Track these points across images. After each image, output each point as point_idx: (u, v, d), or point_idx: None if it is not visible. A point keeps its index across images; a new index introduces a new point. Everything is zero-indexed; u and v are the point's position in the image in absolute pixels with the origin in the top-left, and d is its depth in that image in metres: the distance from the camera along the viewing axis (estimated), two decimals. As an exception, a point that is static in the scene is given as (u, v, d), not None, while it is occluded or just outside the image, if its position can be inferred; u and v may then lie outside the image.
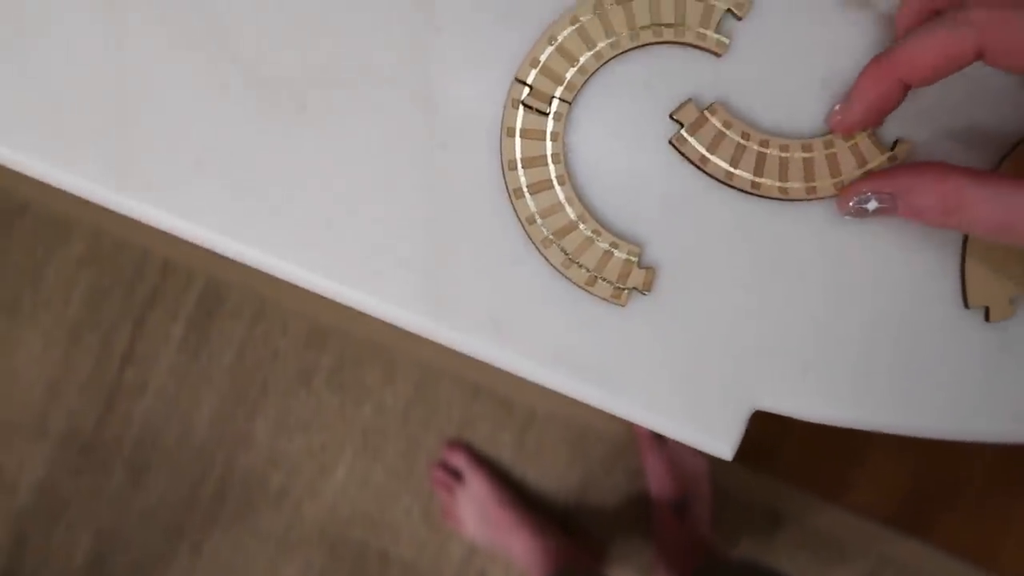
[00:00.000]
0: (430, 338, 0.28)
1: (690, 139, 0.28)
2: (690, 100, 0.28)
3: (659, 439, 1.06)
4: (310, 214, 0.28)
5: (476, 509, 1.06)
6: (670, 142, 0.29)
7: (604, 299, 0.28)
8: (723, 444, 0.28)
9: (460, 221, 0.28)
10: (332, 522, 1.11)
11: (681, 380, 0.28)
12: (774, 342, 0.29)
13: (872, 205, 0.27)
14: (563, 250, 0.28)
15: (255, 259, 0.28)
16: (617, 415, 0.29)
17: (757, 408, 0.29)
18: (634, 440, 1.08)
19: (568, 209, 0.28)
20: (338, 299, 0.28)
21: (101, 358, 1.13)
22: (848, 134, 0.28)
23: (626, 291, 0.28)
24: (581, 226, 0.28)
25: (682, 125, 0.28)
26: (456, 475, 1.08)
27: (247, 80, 0.28)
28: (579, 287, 0.28)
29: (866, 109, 0.27)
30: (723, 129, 0.28)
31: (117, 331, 1.13)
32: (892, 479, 1.07)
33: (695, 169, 0.28)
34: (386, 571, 1.10)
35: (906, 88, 0.26)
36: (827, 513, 1.07)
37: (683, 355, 0.28)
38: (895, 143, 0.29)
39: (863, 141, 0.28)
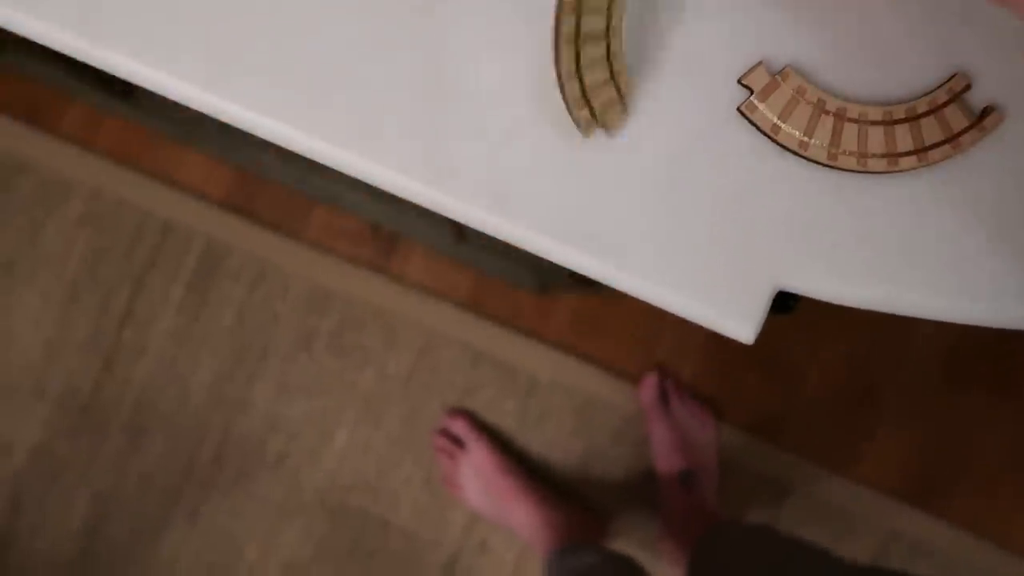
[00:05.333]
0: (427, 206, 0.26)
1: (760, 106, 0.26)
2: (760, 63, 0.26)
3: (666, 409, 1.03)
4: (294, 67, 0.26)
5: (478, 477, 1.04)
6: (738, 110, 0.26)
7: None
8: (743, 325, 0.26)
9: (456, 80, 0.26)
10: (332, 489, 1.09)
11: (697, 253, 0.26)
12: (801, 215, 0.26)
13: None
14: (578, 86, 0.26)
15: (236, 116, 0.26)
16: (625, 291, 0.26)
17: (781, 287, 0.26)
18: (640, 409, 1.06)
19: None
20: (328, 163, 0.26)
21: (100, 319, 1.11)
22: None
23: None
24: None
25: (752, 91, 0.26)
26: (458, 442, 1.06)
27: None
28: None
29: None
30: (796, 95, 0.26)
31: (116, 292, 1.11)
32: (902, 452, 1.05)
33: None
34: (386, 539, 1.09)
35: None
36: (836, 486, 1.05)
37: (700, 226, 0.26)
38: (984, 111, 0.26)
39: (950, 109, 0.26)
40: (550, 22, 0.25)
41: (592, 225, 0.26)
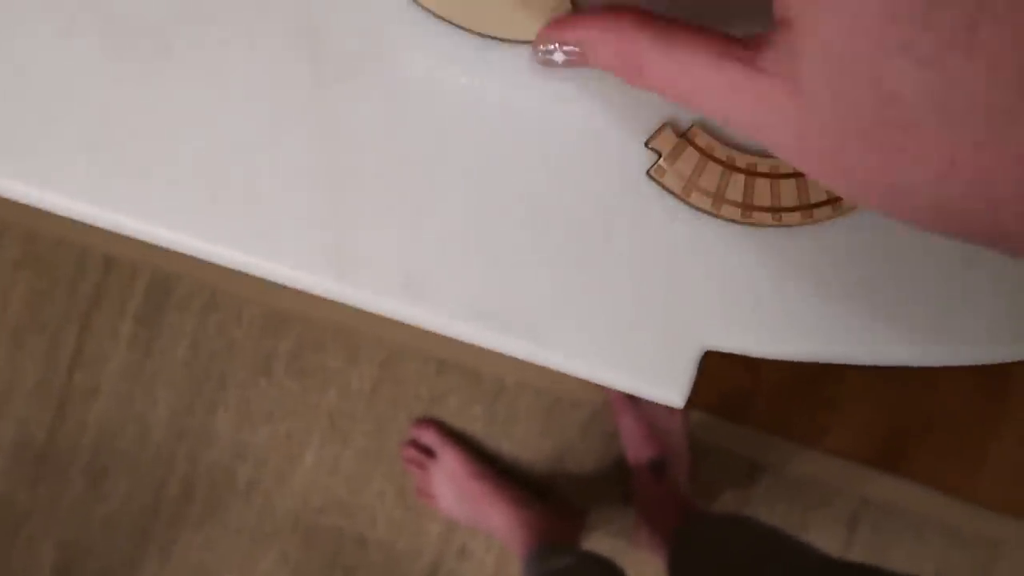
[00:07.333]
0: (332, 298, 0.25)
1: (669, 169, 0.25)
2: (666, 124, 0.25)
3: (632, 400, 1.04)
4: (182, 168, 0.24)
5: (451, 485, 1.04)
6: (648, 174, 0.25)
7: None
8: (672, 392, 0.25)
9: (358, 164, 0.25)
10: (305, 511, 1.08)
11: (620, 324, 0.25)
12: (722, 276, 0.26)
13: (559, 57, 0.23)
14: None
15: (119, 224, 0.24)
16: (554, 369, 0.26)
17: (707, 348, 0.26)
18: (608, 403, 1.06)
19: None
20: (224, 263, 0.25)
21: (48, 363, 1.08)
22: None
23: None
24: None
25: (660, 155, 0.25)
26: (428, 452, 1.05)
27: (96, 18, 0.24)
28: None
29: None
30: (705, 155, 0.25)
31: (62, 333, 1.08)
32: (867, 420, 1.06)
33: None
34: (364, 555, 1.08)
35: None
36: (805, 459, 1.06)
37: (620, 296, 0.25)
38: None
39: None
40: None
41: (507, 305, 0.25)
